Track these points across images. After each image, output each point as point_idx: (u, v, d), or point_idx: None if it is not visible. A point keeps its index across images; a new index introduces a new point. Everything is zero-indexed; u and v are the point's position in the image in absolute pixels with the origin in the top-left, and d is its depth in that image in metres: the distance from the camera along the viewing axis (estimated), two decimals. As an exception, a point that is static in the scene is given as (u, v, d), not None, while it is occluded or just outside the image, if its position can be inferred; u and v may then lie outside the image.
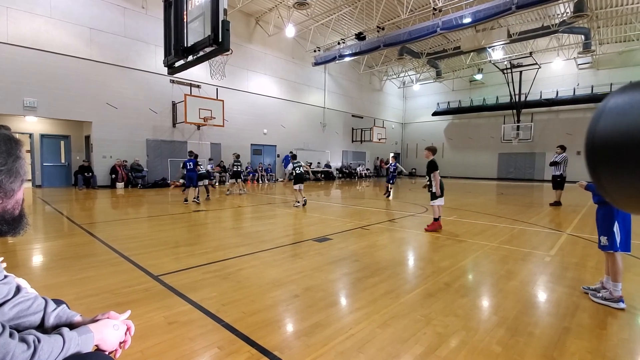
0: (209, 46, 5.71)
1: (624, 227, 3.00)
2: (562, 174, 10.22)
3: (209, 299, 3.00)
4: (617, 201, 0.76)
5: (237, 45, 18.41)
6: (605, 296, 3.01)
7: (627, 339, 2.45)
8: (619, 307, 2.90)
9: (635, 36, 20.45)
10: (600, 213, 3.14)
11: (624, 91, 0.71)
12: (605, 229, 3.07)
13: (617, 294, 2.95)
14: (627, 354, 2.25)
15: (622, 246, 3.01)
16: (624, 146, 0.66)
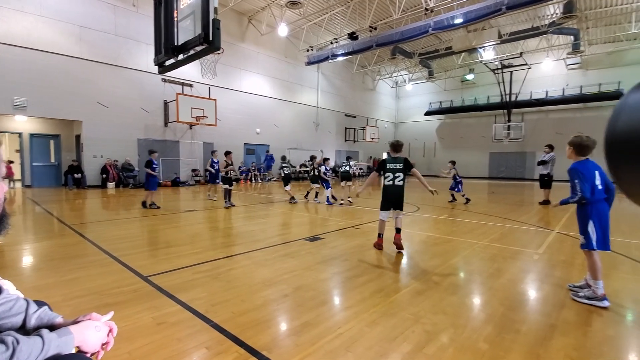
0: (199, 45, 5.66)
1: (600, 227, 3.04)
2: (549, 173, 10.39)
3: (199, 299, 2.98)
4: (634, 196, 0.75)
5: (230, 44, 18.30)
6: (588, 295, 3.06)
7: (612, 335, 2.50)
8: (603, 306, 2.95)
9: (624, 37, 20.79)
10: (577, 213, 3.21)
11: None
12: (582, 228, 3.14)
13: (599, 292, 3.00)
14: (613, 350, 2.29)
15: (599, 245, 3.05)
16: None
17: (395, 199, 4.65)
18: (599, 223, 3.06)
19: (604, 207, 3.09)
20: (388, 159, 4.73)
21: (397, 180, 4.61)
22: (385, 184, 4.69)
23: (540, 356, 2.19)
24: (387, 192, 4.68)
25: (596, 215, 3.06)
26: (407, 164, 4.66)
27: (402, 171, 4.61)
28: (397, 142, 4.83)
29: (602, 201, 3.09)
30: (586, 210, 3.11)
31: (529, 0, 12.80)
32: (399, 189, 4.64)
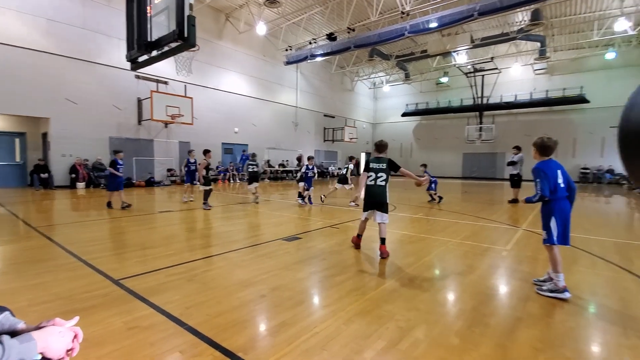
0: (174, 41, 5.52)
1: (561, 223, 3.22)
2: (519, 173, 10.88)
3: (173, 302, 2.92)
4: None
5: (206, 41, 17.94)
6: (551, 288, 3.24)
7: (573, 327, 2.65)
8: (565, 297, 3.13)
9: (587, 44, 22.06)
10: (541, 210, 3.39)
11: None
12: (545, 224, 3.32)
13: (560, 284, 3.19)
14: (573, 341, 2.44)
15: (559, 240, 3.24)
16: None
17: (376, 199, 4.49)
18: (560, 220, 3.23)
19: (566, 205, 3.27)
20: (371, 158, 4.66)
21: (379, 181, 4.49)
22: (368, 184, 4.57)
23: (508, 348, 2.29)
24: (368, 193, 4.54)
25: (558, 212, 3.24)
26: (392, 164, 4.55)
27: (384, 171, 4.50)
28: (381, 142, 4.71)
29: (564, 199, 3.27)
30: (549, 207, 3.29)
31: (499, 7, 13.34)
32: (380, 190, 4.48)
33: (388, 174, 4.52)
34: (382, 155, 4.62)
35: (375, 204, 4.50)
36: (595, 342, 2.46)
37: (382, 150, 4.66)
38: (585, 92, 23.12)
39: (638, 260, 4.52)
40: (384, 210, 4.49)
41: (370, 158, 4.69)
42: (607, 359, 2.21)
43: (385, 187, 4.50)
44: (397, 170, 4.58)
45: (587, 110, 23.42)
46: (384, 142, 4.71)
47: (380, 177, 4.49)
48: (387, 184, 4.52)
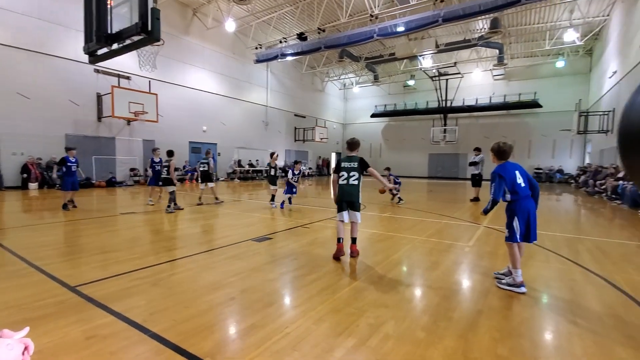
0: (136, 34, 5.27)
1: (524, 222, 3.40)
2: (480, 173, 11.47)
3: (136, 309, 2.79)
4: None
5: (172, 36, 17.29)
6: (509, 282, 3.44)
7: (528, 317, 2.83)
8: (521, 292, 3.32)
9: (540, 52, 23.69)
10: (506, 209, 3.56)
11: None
12: (508, 222, 3.50)
13: (518, 279, 3.39)
14: (528, 330, 2.60)
15: (522, 238, 3.42)
16: None
17: (350, 198, 4.41)
18: (522, 219, 3.39)
19: (528, 203, 3.43)
20: (343, 158, 4.57)
21: (351, 180, 4.40)
22: (340, 184, 4.47)
23: (469, 340, 2.41)
24: (341, 191, 4.45)
25: (520, 211, 3.40)
26: (363, 163, 4.46)
27: (356, 170, 4.40)
28: (352, 140, 4.62)
29: (527, 198, 3.43)
30: (512, 207, 3.46)
31: (461, 15, 14.00)
32: (353, 189, 4.40)
33: (360, 173, 4.44)
34: (354, 154, 4.56)
35: (349, 203, 4.44)
36: (548, 330, 2.64)
37: (354, 148, 4.59)
38: (538, 97, 24.82)
39: (584, 253, 4.92)
40: (357, 209, 4.46)
41: (341, 157, 4.56)
42: (558, 346, 2.39)
43: (358, 186, 4.43)
44: (366, 169, 4.49)
45: (541, 114, 25.14)
46: (355, 140, 4.64)
47: (352, 176, 4.41)
48: (360, 183, 4.45)
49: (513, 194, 3.41)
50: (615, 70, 16.49)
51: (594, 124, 18.76)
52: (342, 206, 4.46)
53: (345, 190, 4.43)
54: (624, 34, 15.33)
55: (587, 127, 19.47)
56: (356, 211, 4.46)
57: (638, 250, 5.22)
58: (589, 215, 9.09)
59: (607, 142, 17.28)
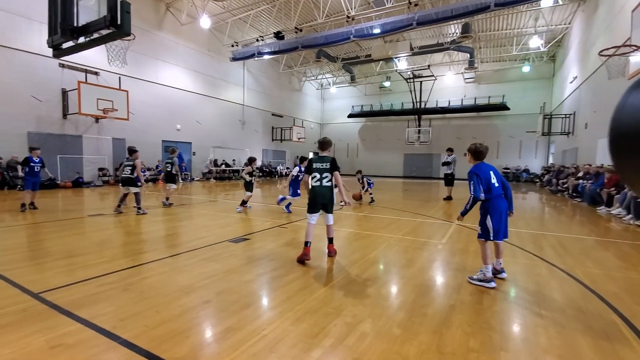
0: (105, 28, 5.05)
1: (497, 220, 3.54)
2: (452, 173, 11.86)
3: (104, 315, 2.66)
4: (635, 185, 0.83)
5: (144, 31, 16.69)
6: (480, 278, 3.57)
7: (498, 311, 2.96)
8: (491, 287, 3.46)
9: (507, 57, 24.80)
10: (480, 208, 3.70)
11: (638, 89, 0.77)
12: (481, 220, 3.64)
13: (488, 275, 3.53)
14: (498, 323, 2.72)
15: (494, 236, 3.55)
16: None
17: (324, 200, 4.29)
18: (495, 217, 3.53)
19: (501, 202, 3.59)
20: (314, 158, 4.40)
21: (324, 181, 4.25)
22: (313, 185, 4.30)
23: (443, 334, 2.49)
24: (314, 193, 4.28)
25: (493, 210, 3.54)
26: (334, 164, 4.30)
27: (329, 171, 4.27)
28: (324, 140, 4.46)
29: (500, 197, 3.59)
30: (485, 206, 3.60)
31: (434, 19, 14.44)
32: (326, 190, 4.27)
33: (332, 174, 4.31)
34: (326, 154, 4.41)
35: (323, 205, 4.33)
36: (516, 323, 2.77)
37: (326, 147, 4.45)
38: (506, 100, 25.97)
39: (548, 248, 5.20)
40: (330, 210, 4.38)
41: (313, 157, 4.43)
42: (525, 338, 2.51)
43: (331, 187, 4.32)
44: (333, 171, 4.29)
45: (508, 116, 26.32)
46: (327, 139, 4.50)
47: (325, 177, 4.27)
48: (333, 184, 4.35)
49: (487, 193, 3.55)
50: (575, 75, 17.54)
51: (557, 126, 19.89)
52: (314, 208, 4.31)
53: (318, 192, 4.28)
54: (583, 41, 16.32)
55: (551, 129, 20.61)
56: (330, 213, 4.38)
57: (596, 244, 5.57)
58: (552, 213, 9.60)
59: (569, 144, 18.35)
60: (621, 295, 3.32)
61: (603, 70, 10.57)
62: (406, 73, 27.39)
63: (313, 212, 4.33)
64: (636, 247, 5.41)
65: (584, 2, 16.49)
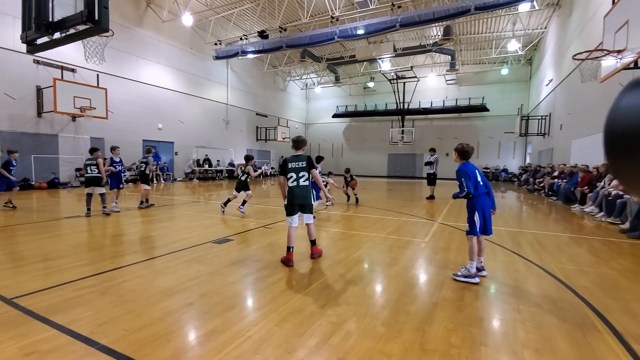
0: (82, 23, 4.88)
1: (483, 216, 3.67)
2: (434, 172, 12.09)
3: (82, 320, 2.58)
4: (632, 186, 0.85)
5: (123, 27, 16.24)
6: (465, 274, 3.67)
7: (478, 307, 3.03)
8: (474, 282, 3.57)
9: (487, 60, 25.48)
10: (467, 205, 3.80)
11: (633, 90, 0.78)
12: (469, 218, 3.74)
13: (473, 270, 3.63)
14: (478, 319, 2.78)
15: (481, 231, 3.69)
16: None
17: (302, 201, 4.16)
18: (481, 213, 3.67)
19: (486, 200, 3.74)
20: (289, 158, 4.27)
21: (301, 181, 4.14)
22: (290, 186, 4.16)
23: (426, 331, 2.53)
24: (292, 194, 4.15)
25: (479, 207, 3.68)
26: (310, 162, 4.19)
27: (305, 170, 4.16)
28: (298, 138, 4.34)
29: (484, 195, 3.74)
30: (472, 203, 3.71)
31: (417, 21, 14.68)
32: (304, 190, 4.16)
33: (309, 173, 4.22)
34: (301, 153, 4.30)
35: (301, 206, 4.21)
36: (496, 318, 2.84)
37: (301, 146, 4.32)
38: (486, 102, 26.67)
39: (525, 245, 5.37)
40: (310, 211, 4.26)
41: (288, 157, 4.29)
42: (505, 332, 2.58)
43: (308, 186, 4.23)
44: (310, 169, 4.20)
45: (488, 117, 27.03)
46: (302, 137, 4.38)
47: (302, 177, 4.15)
48: (310, 183, 4.26)
49: (475, 189, 3.68)
50: (551, 78, 18.19)
51: (534, 127, 20.58)
52: (293, 210, 4.17)
53: (296, 193, 4.14)
54: (558, 45, 16.95)
55: (528, 130, 21.31)
56: (309, 213, 4.27)
57: (570, 241, 5.80)
58: (529, 211, 9.93)
59: (545, 144, 19.01)
60: (593, 290, 3.47)
61: (577, 73, 11.01)
62: (390, 74, 27.71)
63: (292, 214, 4.20)
64: (607, 244, 5.66)
65: (559, 7, 17.12)
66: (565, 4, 16.18)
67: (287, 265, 4.10)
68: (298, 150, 4.34)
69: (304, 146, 4.37)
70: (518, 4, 13.39)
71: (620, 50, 6.57)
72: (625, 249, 5.33)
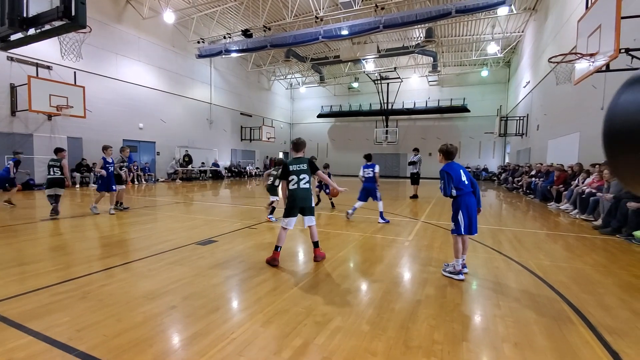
0: (57, 19, 4.71)
1: (467, 215, 3.73)
2: (418, 172, 12.29)
3: (59, 326, 2.49)
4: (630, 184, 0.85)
5: (102, 24, 15.78)
6: (451, 270, 3.79)
7: (460, 303, 3.10)
8: (459, 279, 3.67)
9: (468, 62, 26.08)
10: (452, 205, 3.87)
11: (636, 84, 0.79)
12: (454, 217, 3.82)
13: (458, 267, 3.74)
14: (460, 315, 2.85)
15: (465, 230, 3.74)
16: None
17: (303, 204, 4.15)
18: (466, 212, 3.73)
19: (471, 199, 3.78)
20: (290, 160, 4.23)
21: (302, 183, 4.13)
22: (291, 189, 4.14)
23: (410, 329, 2.57)
24: (293, 197, 4.12)
25: (464, 206, 3.73)
26: (312, 165, 4.24)
27: (306, 172, 4.16)
28: (298, 141, 4.33)
29: (470, 194, 3.79)
30: (457, 202, 3.78)
31: (399, 23, 14.90)
32: (305, 192, 4.14)
33: (310, 175, 4.22)
34: (301, 155, 4.30)
35: (303, 209, 4.17)
36: (477, 314, 2.92)
37: (300, 148, 4.32)
38: (467, 103, 27.31)
39: (505, 242, 5.53)
40: (311, 213, 4.22)
41: (288, 160, 4.30)
42: (485, 328, 2.65)
43: (309, 189, 4.21)
44: (314, 172, 4.27)
45: (469, 118, 27.68)
46: (301, 140, 4.38)
47: (303, 179, 4.15)
48: (310, 185, 4.25)
49: (458, 190, 3.74)
50: (528, 80, 18.79)
51: (512, 127, 21.20)
52: (293, 212, 4.14)
53: (298, 196, 4.12)
54: (535, 49, 17.52)
55: (507, 130, 21.93)
56: (310, 215, 4.23)
57: (546, 238, 6.01)
58: (509, 209, 10.23)
59: (523, 144, 19.62)
60: (569, 285, 3.61)
61: (552, 76, 11.41)
62: (374, 75, 27.98)
63: (290, 216, 4.15)
64: (581, 239, 5.90)
65: (535, 12, 17.70)
66: (541, 9, 16.75)
67: (272, 265, 4.06)
68: (298, 152, 4.31)
69: (304, 148, 4.34)
70: (497, 7, 13.76)
71: (593, 53, 6.85)
72: (597, 244, 5.57)
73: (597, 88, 9.37)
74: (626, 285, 3.68)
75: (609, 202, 6.49)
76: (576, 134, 11.13)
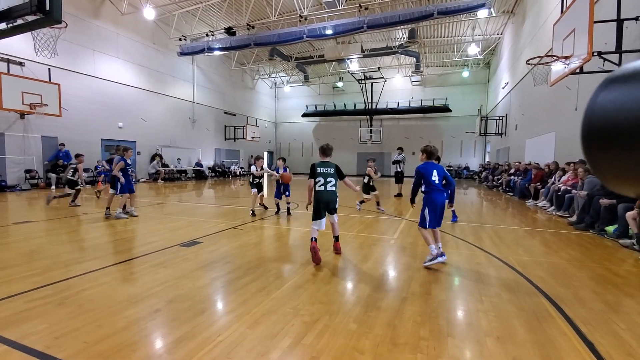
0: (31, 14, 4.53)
1: (432, 211, 4.08)
2: (402, 171, 12.46)
3: (36, 334, 2.40)
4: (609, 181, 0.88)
5: (78, 19, 15.22)
6: (430, 258, 4.06)
7: (444, 299, 3.17)
8: (441, 261, 4.03)
9: (449, 62, 26.61)
10: (422, 200, 4.19)
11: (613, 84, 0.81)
12: (421, 212, 4.17)
13: (434, 252, 4.04)
14: (445, 311, 2.91)
15: (431, 224, 4.10)
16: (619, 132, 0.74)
17: (329, 204, 4.43)
18: (431, 208, 4.08)
19: (438, 196, 4.09)
20: (318, 163, 4.53)
21: (329, 186, 4.41)
22: (317, 190, 4.43)
23: (396, 326, 2.61)
24: (320, 198, 4.39)
25: (429, 202, 4.09)
26: (339, 171, 4.55)
27: (333, 176, 4.46)
28: (327, 146, 4.65)
29: (437, 191, 4.09)
30: (424, 198, 4.14)
31: (383, 23, 15.06)
32: (331, 194, 4.43)
33: (336, 179, 4.51)
34: (329, 160, 4.60)
35: (329, 209, 4.46)
36: (460, 309, 2.99)
37: (328, 154, 4.63)
38: (449, 103, 27.86)
39: (486, 239, 5.68)
40: (335, 212, 4.55)
41: (317, 162, 4.54)
42: (469, 323, 2.72)
43: (335, 191, 4.49)
44: (342, 178, 4.56)
45: (451, 118, 28.25)
46: (330, 145, 4.68)
47: (329, 182, 4.43)
48: (337, 189, 4.51)
49: (428, 186, 4.09)
50: (507, 81, 19.34)
51: (492, 127, 21.78)
52: (321, 214, 4.38)
53: (324, 196, 4.39)
54: (513, 51, 18.04)
55: (487, 130, 22.52)
56: (335, 213, 4.55)
57: (525, 234, 6.21)
58: (489, 206, 10.51)
59: (502, 143, 20.18)
60: (547, 279, 3.74)
61: (530, 77, 11.79)
62: (358, 74, 28.15)
63: (319, 218, 4.37)
64: (557, 235, 6.13)
65: (513, 15, 18.23)
66: (519, 12, 17.26)
67: (317, 262, 4.15)
68: (326, 157, 4.62)
69: (331, 153, 4.68)
70: (477, 10, 14.09)
71: (568, 56, 7.11)
72: (573, 239, 5.80)
73: (572, 89, 9.74)
74: (599, 278, 3.85)
75: (584, 199, 6.76)
76: (552, 134, 11.53)
